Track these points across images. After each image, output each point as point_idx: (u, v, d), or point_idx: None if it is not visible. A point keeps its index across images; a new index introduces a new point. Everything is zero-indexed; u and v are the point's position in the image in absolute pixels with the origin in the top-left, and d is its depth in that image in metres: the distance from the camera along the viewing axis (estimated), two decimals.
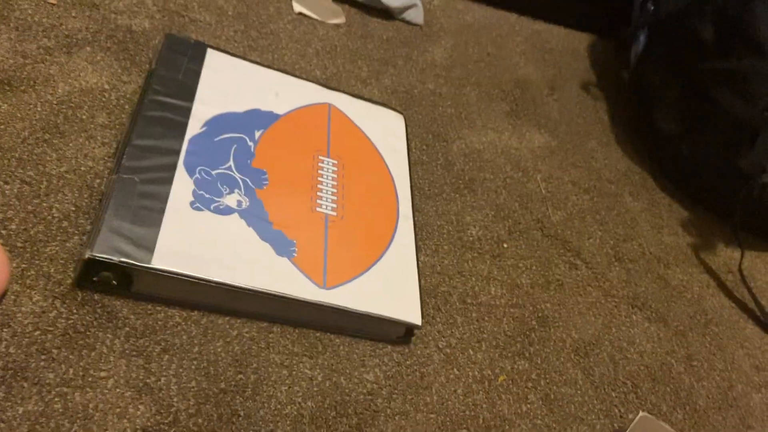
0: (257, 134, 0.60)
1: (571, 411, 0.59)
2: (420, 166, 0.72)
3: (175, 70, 0.60)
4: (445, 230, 0.68)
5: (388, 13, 0.88)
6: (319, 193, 0.59)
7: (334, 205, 0.59)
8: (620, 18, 1.03)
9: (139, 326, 0.48)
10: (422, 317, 0.56)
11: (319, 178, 0.60)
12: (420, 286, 0.58)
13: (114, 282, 0.48)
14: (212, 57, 0.64)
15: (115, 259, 0.46)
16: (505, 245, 0.70)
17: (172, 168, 0.53)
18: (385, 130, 0.70)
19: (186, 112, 0.58)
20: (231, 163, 0.57)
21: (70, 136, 0.56)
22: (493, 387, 0.58)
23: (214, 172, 0.55)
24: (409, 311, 0.56)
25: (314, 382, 0.51)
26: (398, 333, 0.56)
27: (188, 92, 0.59)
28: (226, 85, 0.63)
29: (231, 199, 0.54)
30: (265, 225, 0.54)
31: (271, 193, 0.57)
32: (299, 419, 0.49)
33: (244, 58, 0.67)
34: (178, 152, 0.55)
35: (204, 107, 0.59)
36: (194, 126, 0.57)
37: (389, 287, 0.56)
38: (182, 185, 0.53)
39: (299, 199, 0.58)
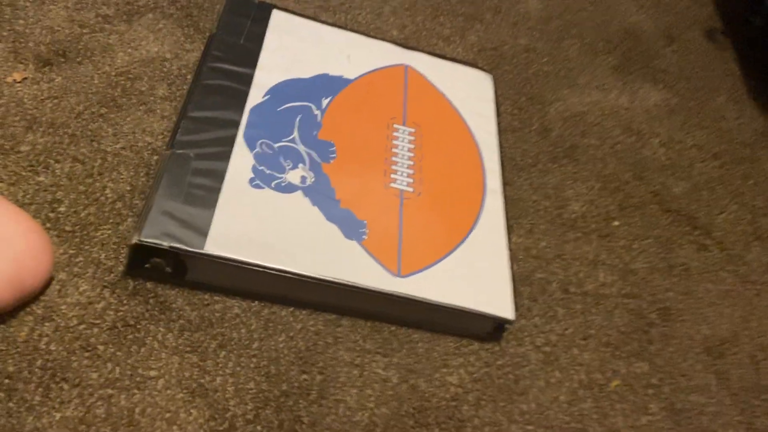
0: (325, 102, 0.55)
1: (702, 424, 0.51)
2: (511, 132, 0.65)
3: (236, 34, 0.57)
4: (542, 206, 0.61)
5: None
6: (393, 167, 0.53)
7: (411, 180, 0.53)
8: None
9: (195, 318, 0.44)
10: (515, 310, 0.50)
11: (394, 150, 0.54)
12: (512, 272, 0.52)
13: (168, 269, 0.44)
14: (277, 18, 0.60)
15: (165, 244, 0.42)
16: (616, 223, 0.62)
17: (231, 141, 0.50)
18: (469, 92, 0.63)
19: (247, 80, 0.54)
20: (295, 134, 0.52)
21: (128, 109, 0.53)
22: (605, 394, 0.50)
23: (276, 146, 0.51)
24: (499, 303, 0.49)
25: (389, 385, 0.45)
26: (486, 328, 0.50)
27: (250, 58, 0.55)
28: (292, 48, 0.58)
29: (294, 175, 0.49)
30: (331, 203, 0.49)
31: (339, 168, 0.51)
32: (371, 428, 0.43)
33: (313, 19, 0.62)
34: (237, 124, 0.51)
35: (267, 74, 0.55)
36: (256, 95, 0.53)
37: (475, 275, 0.50)
38: (241, 160, 0.49)
39: (371, 173, 0.52)
